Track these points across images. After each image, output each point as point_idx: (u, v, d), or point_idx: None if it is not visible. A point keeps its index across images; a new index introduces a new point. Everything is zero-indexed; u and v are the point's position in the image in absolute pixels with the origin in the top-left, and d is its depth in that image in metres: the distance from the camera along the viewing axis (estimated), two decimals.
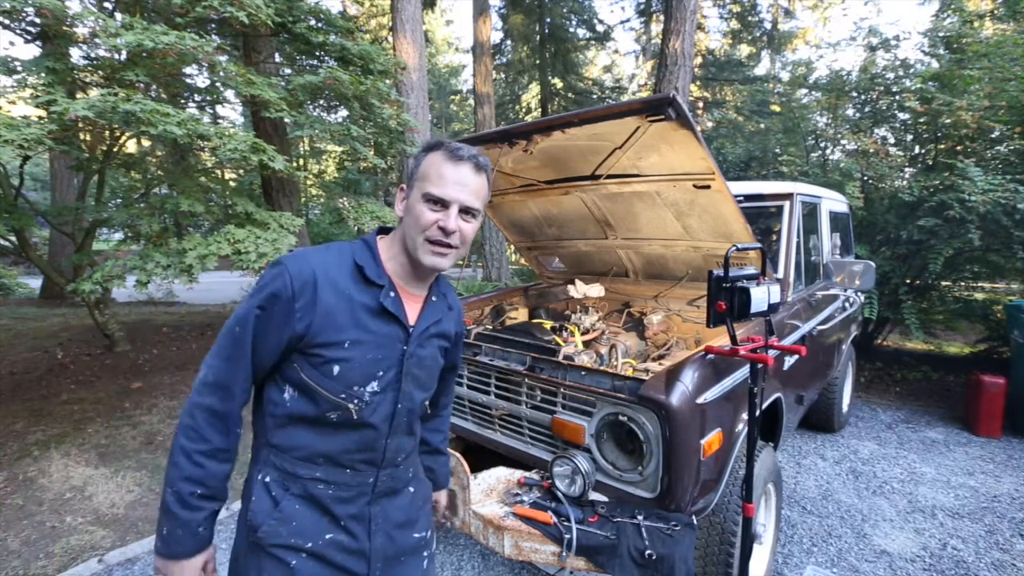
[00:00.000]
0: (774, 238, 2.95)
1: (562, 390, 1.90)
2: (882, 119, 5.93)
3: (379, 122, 5.08)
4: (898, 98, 5.55)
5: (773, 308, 1.67)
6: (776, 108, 9.72)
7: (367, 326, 1.00)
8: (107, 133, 4.30)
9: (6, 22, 3.54)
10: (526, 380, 2.01)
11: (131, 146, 7.37)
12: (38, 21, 3.45)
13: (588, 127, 2.01)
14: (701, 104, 15.29)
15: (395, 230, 1.10)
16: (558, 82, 15.27)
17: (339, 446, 1.02)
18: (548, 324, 2.68)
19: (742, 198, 2.99)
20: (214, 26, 4.99)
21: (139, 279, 3.41)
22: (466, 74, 26.89)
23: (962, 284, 5.44)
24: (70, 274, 4.92)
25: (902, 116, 5.67)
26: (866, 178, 5.25)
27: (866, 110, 6.19)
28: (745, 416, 1.88)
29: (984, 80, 4.65)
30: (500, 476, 1.93)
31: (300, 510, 1.01)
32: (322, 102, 6.21)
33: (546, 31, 14.40)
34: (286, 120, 4.58)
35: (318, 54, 5.63)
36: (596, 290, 3.24)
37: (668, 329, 2.78)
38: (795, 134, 6.61)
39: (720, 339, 1.87)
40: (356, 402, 1.00)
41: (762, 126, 8.99)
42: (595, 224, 2.92)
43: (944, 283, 5.37)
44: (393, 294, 1.04)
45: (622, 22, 20.05)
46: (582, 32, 15.18)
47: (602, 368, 1.96)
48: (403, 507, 1.13)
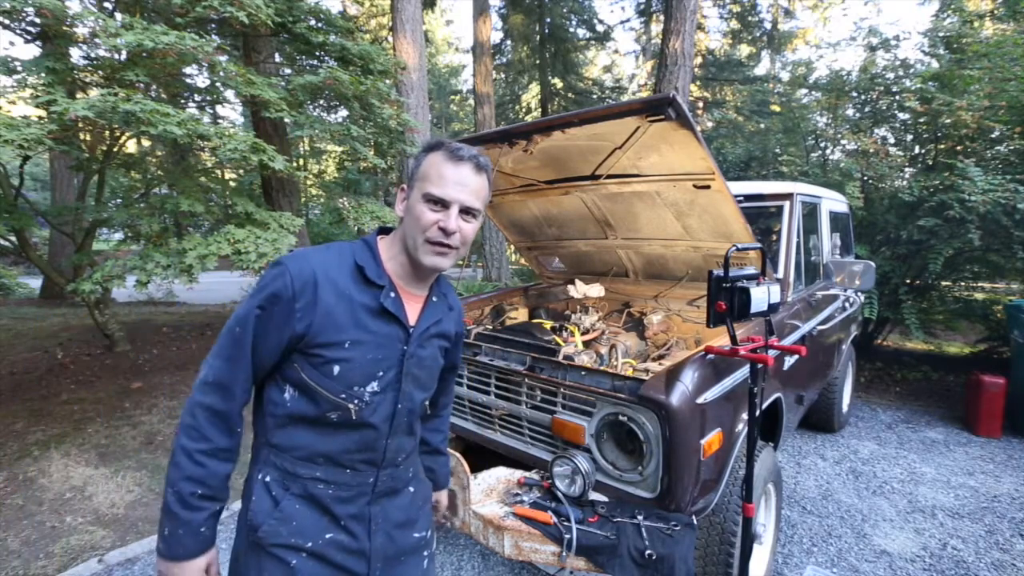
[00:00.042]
0: (774, 238, 2.95)
1: (562, 390, 1.90)
2: (882, 119, 5.93)
3: (379, 122, 5.08)
4: (898, 98, 5.55)
5: (773, 308, 1.67)
6: (776, 108, 9.72)
7: (367, 326, 1.00)
8: (107, 133, 4.31)
9: (6, 22, 3.54)
10: (526, 380, 2.01)
11: (131, 146, 7.37)
12: (38, 21, 3.45)
13: (588, 127, 2.01)
14: (701, 104, 15.29)
15: (395, 230, 1.10)
16: (558, 82, 15.26)
17: (339, 446, 1.02)
18: (548, 324, 2.68)
19: (742, 198, 2.99)
20: (214, 26, 4.99)
21: (139, 279, 3.42)
22: (466, 74, 26.93)
23: (962, 284, 5.44)
24: (70, 274, 4.92)
25: (902, 116, 5.67)
26: (866, 178, 5.24)
27: (866, 110, 6.19)
28: (745, 416, 1.88)
29: (984, 80, 4.65)
30: (500, 476, 1.93)
31: (300, 510, 1.01)
32: (322, 102, 6.21)
33: (546, 31, 14.40)
34: (286, 120, 4.58)
35: (318, 54, 5.63)
36: (596, 290, 3.24)
37: (668, 329, 2.78)
38: (795, 134, 6.61)
39: (720, 339, 1.87)
40: (356, 402, 1.00)
41: (762, 126, 8.99)
42: (595, 224, 2.92)
43: (944, 283, 5.37)
44: (393, 294, 1.04)
45: (622, 22, 20.07)
46: (582, 32, 15.19)
47: (602, 368, 1.96)
48: (403, 507, 1.13)
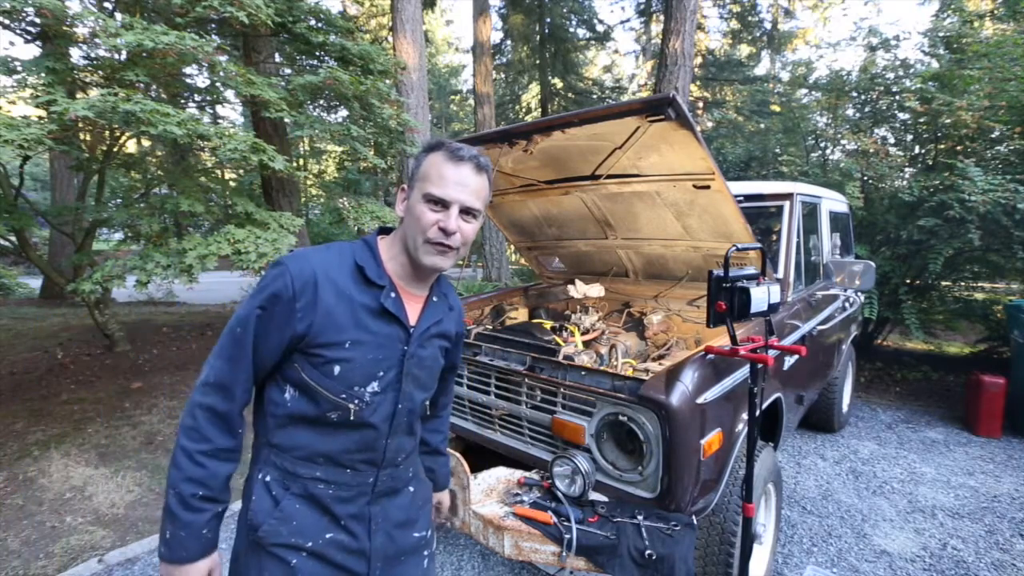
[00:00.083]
0: (774, 238, 2.95)
1: (562, 390, 1.90)
2: (882, 119, 5.93)
3: (379, 122, 5.08)
4: (898, 98, 5.55)
5: (773, 308, 1.67)
6: (776, 108, 9.72)
7: (368, 326, 1.00)
8: (107, 133, 4.31)
9: (6, 22, 3.54)
10: (526, 380, 2.01)
11: (131, 146, 7.36)
12: (38, 21, 3.45)
13: (588, 127, 2.00)
14: (701, 104, 15.29)
15: (396, 230, 1.10)
16: (558, 82, 15.26)
17: (339, 446, 1.02)
18: (548, 324, 2.68)
19: (742, 198, 2.99)
20: (214, 26, 4.99)
21: (139, 279, 3.42)
22: (466, 74, 26.93)
23: (962, 284, 5.44)
24: (70, 274, 4.92)
25: (902, 116, 5.67)
26: (866, 178, 5.24)
27: (866, 110, 6.19)
28: (745, 416, 1.88)
29: (984, 80, 4.65)
30: (500, 476, 1.93)
31: (300, 509, 1.01)
32: (322, 102, 6.21)
33: (546, 31, 14.40)
34: (286, 120, 4.58)
35: (318, 54, 5.63)
36: (596, 290, 3.24)
37: (668, 329, 2.78)
38: (795, 134, 6.61)
39: (720, 339, 1.87)
40: (356, 402, 1.00)
41: (762, 126, 9.00)
42: (595, 224, 2.92)
43: (944, 283, 5.37)
44: (394, 295, 1.04)
45: (622, 22, 20.09)
46: (582, 32, 15.19)
47: (602, 368, 1.96)
48: (403, 507, 1.13)
